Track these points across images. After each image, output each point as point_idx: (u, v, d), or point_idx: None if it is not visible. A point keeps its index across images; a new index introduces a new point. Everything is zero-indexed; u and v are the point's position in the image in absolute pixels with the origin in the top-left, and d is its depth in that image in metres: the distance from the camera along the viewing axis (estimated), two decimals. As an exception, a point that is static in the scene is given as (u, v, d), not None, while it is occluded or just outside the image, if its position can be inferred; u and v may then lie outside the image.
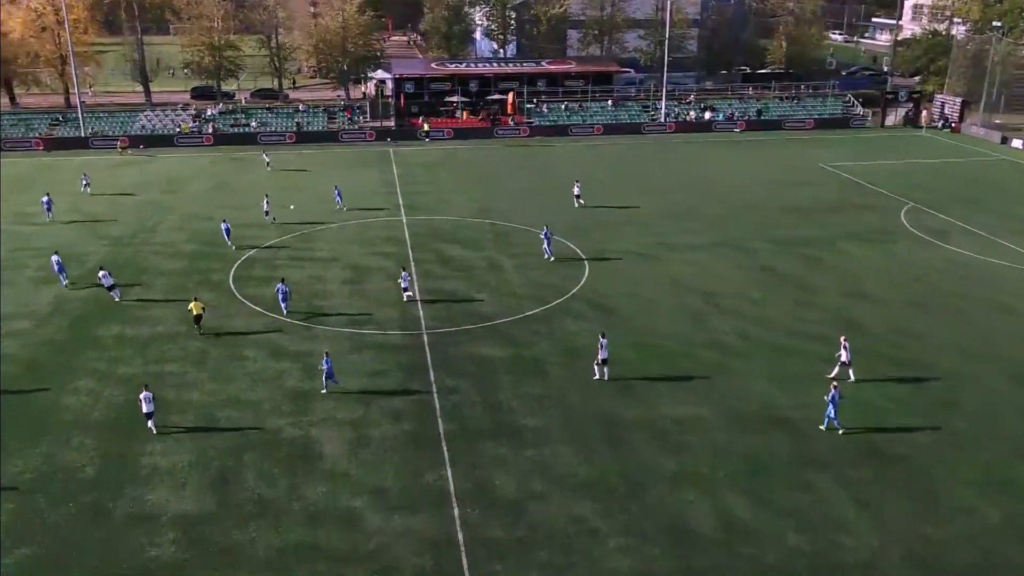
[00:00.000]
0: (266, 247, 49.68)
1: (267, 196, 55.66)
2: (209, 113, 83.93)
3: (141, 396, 30.00)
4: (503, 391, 33.18)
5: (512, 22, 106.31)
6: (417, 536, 24.84)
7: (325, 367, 32.78)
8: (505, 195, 61.42)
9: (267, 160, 70.36)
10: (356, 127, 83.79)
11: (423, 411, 31.70)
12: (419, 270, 45.96)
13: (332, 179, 63.78)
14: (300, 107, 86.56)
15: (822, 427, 30.32)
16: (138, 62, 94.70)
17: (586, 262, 47.30)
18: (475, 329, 38.60)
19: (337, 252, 48.71)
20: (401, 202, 59.61)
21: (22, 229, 53.16)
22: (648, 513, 25.84)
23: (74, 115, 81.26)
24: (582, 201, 58.17)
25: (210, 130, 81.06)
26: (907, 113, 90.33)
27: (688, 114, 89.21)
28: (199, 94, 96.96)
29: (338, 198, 57.84)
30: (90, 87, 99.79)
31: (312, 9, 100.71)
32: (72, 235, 51.99)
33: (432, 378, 34.14)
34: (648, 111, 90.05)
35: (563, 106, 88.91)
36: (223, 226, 49.48)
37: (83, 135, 78.67)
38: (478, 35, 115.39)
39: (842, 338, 34.22)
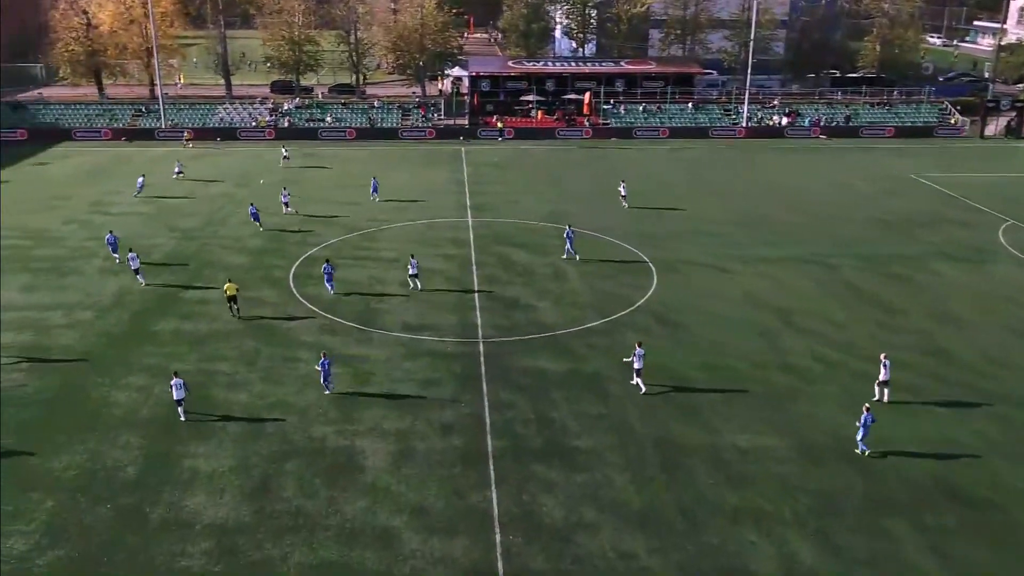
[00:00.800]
0: (328, 244, 49.12)
1: (285, 189, 56.72)
2: (286, 107, 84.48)
3: (171, 383, 30.10)
4: (558, 408, 31.61)
5: (592, 21, 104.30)
6: (455, 562, 23.52)
7: (323, 368, 31.92)
8: (574, 198, 59.69)
9: (285, 154, 70.29)
10: (429, 124, 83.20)
11: (473, 425, 30.38)
12: (481, 274, 44.70)
13: (380, 175, 63.12)
14: (375, 103, 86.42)
15: (857, 450, 28.62)
16: (221, 56, 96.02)
17: (654, 272, 45.31)
18: (533, 340, 37.11)
19: (400, 252, 47.77)
20: (468, 203, 58.49)
21: (94, 218, 53.89)
22: (705, 553, 23.94)
23: (157, 107, 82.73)
24: (625, 205, 57.03)
25: (285, 124, 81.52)
26: (1009, 123, 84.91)
27: (771, 119, 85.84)
28: (278, 88, 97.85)
29: (373, 191, 58.66)
30: (180, 79, 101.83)
31: (392, 5, 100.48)
32: (143, 225, 52.49)
33: (485, 390, 32.80)
34: (729, 115, 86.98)
35: (640, 108, 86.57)
36: (251, 209, 51.45)
37: (163, 126, 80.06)
38: (558, 33, 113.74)
39: (882, 356, 32.09)
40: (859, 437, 28.37)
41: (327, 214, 54.95)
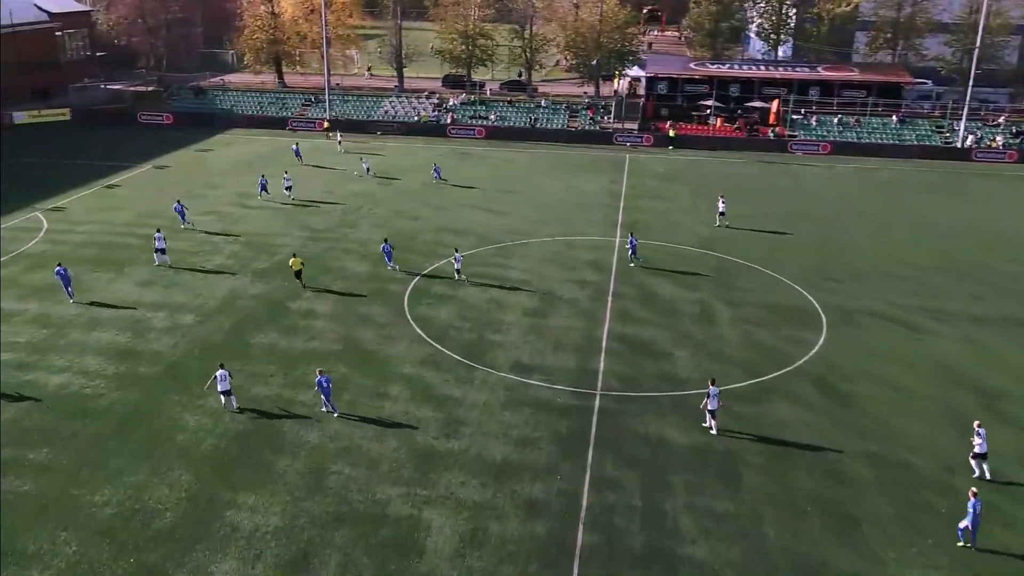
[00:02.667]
0: (448, 261, 44.92)
1: (286, 173, 56.77)
2: (451, 103, 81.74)
3: (216, 374, 29.56)
4: (674, 496, 25.54)
5: (790, 20, 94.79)
6: None
7: (321, 388, 29.28)
8: (744, 222, 52.36)
9: (339, 139, 71.01)
10: (596, 127, 77.73)
11: (565, 508, 24.93)
12: (615, 308, 38.95)
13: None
14: (542, 102, 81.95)
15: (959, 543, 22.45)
16: (395, 47, 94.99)
17: (824, 321, 37.79)
18: (661, 398, 31.04)
19: (531, 274, 42.94)
20: (620, 219, 52.63)
21: (233, 211, 52.69)
22: None
23: (330, 97, 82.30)
24: (726, 222, 50.77)
25: (448, 121, 78.73)
26: None
27: (994, 139, 73.68)
28: (450, 82, 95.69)
29: (436, 174, 59.35)
30: (368, 69, 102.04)
31: (574, 1, 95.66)
32: (274, 221, 50.63)
33: (590, 460, 27.23)
34: (943, 131, 75.55)
35: (835, 119, 76.91)
36: (384, 247, 43.59)
37: (327, 117, 79.43)
38: (751, 33, 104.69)
39: (976, 424, 26.69)
40: (968, 525, 22.92)
41: (464, 223, 50.93)
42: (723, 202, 51.68)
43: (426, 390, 31.43)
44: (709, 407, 28.86)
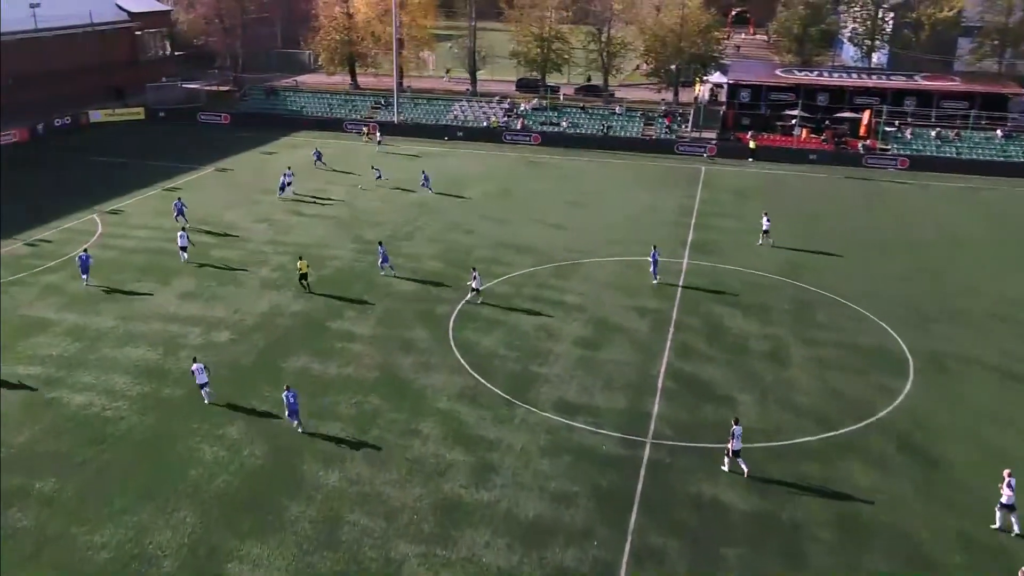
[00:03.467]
0: (511, 277, 42.35)
1: (289, 168, 56.62)
2: (522, 108, 79.16)
3: (193, 368, 30.12)
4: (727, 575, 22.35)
5: (886, 26, 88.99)
6: None
7: (287, 403, 28.35)
8: (826, 242, 48.24)
9: (379, 138, 71.30)
10: (673, 136, 74.03)
11: (598, 583, 22.05)
12: (676, 341, 35.68)
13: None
14: (616, 109, 78.62)
15: None
16: (468, 49, 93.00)
17: (911, 367, 33.77)
18: (718, 451, 27.74)
19: (587, 298, 40.00)
20: (689, 238, 49.12)
21: (287, 219, 51.21)
22: None
23: (398, 100, 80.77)
24: (771, 240, 47.59)
25: (519, 127, 76.19)
26: None
27: (1113, 158, 67.12)
28: (524, 85, 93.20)
29: (424, 183, 57.14)
30: (447, 71, 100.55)
31: (655, 2, 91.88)
32: (327, 231, 48.89)
33: (632, 525, 24.25)
34: (1053, 149, 69.27)
35: (933, 132, 71.37)
36: (380, 250, 42.54)
37: (395, 120, 77.86)
38: (844, 39, 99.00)
39: (1006, 472, 24.30)
40: None
41: (524, 238, 48.26)
42: (767, 220, 48.15)
43: (460, 429, 28.90)
44: (732, 448, 26.26)
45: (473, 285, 38.83)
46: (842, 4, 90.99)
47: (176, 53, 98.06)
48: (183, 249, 43.49)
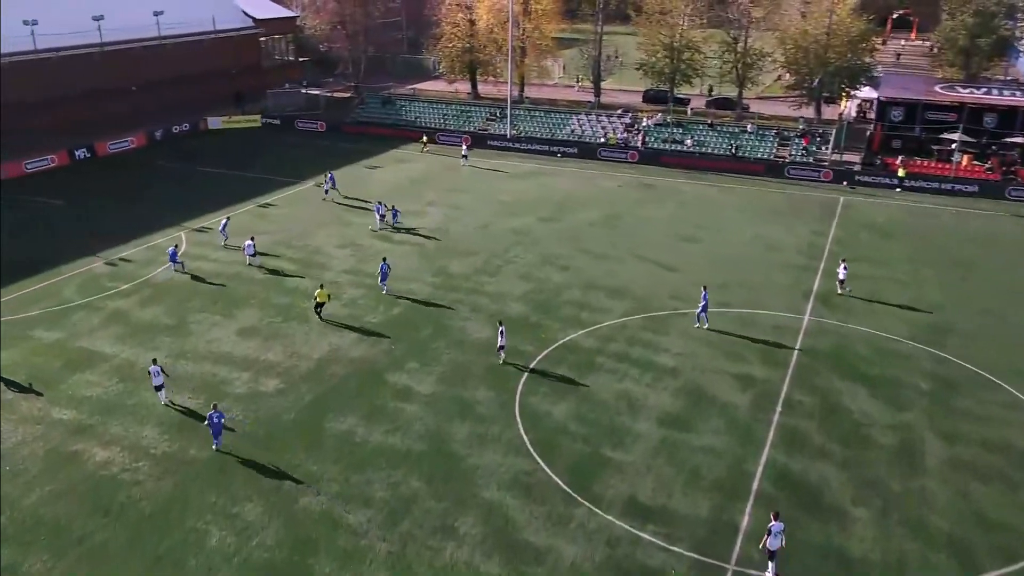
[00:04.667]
0: (599, 328, 37.50)
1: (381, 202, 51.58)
2: (644, 123, 73.64)
3: (150, 369, 30.61)
4: None
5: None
6: None
7: (211, 424, 27.79)
8: (985, 304, 40.69)
9: (464, 152, 67.44)
10: (810, 159, 66.70)
11: None
12: (782, 426, 29.90)
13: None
14: (748, 127, 71.78)
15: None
16: (593, 58, 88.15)
17: (1088, 487, 26.72)
18: (819, 593, 22.11)
19: (684, 360, 34.67)
20: (815, 287, 42.62)
21: (374, 244, 48.13)
22: None
23: (515, 111, 77.02)
24: (848, 289, 41.49)
25: (638, 143, 70.81)
26: None
27: None
28: (651, 98, 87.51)
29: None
30: (577, 81, 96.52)
31: (801, 9, 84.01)
32: (410, 261, 45.42)
33: None
34: None
35: None
36: (382, 267, 41.22)
37: (507, 134, 74.08)
38: (1022, 50, 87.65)
39: None
40: None
41: (623, 278, 43.25)
42: (844, 268, 41.59)
43: (505, 529, 24.52)
44: (768, 547, 22.50)
45: (500, 343, 34.24)
46: (1019, 12, 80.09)
47: (300, 59, 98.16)
48: (253, 255, 44.10)
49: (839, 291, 41.54)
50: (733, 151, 68.49)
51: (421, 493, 26.13)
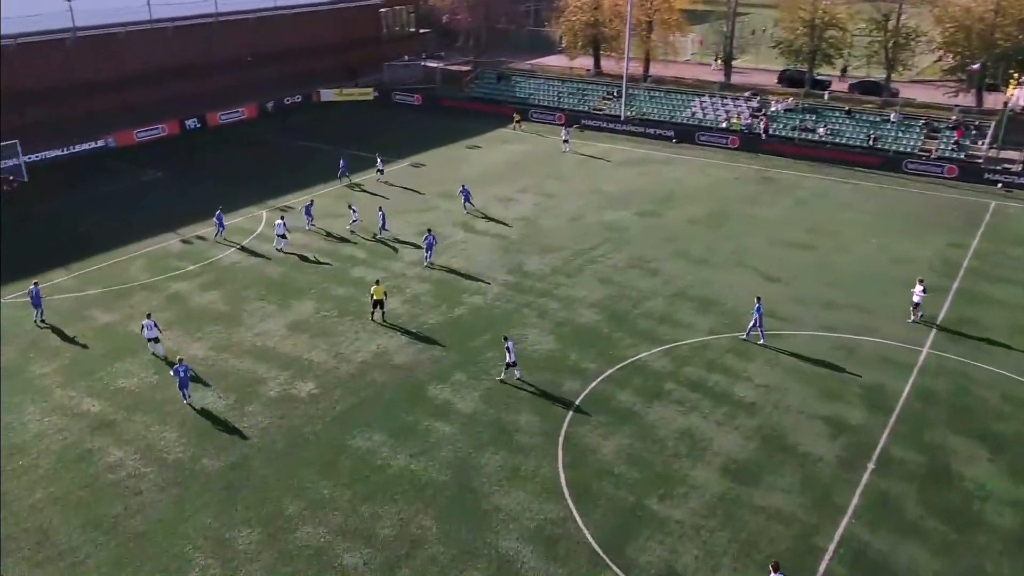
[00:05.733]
0: (678, 347, 33.24)
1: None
2: (773, 108, 67.20)
3: (143, 323, 31.54)
4: None
5: None
6: None
7: (178, 376, 28.39)
8: None
9: (565, 137, 61.62)
10: (962, 155, 58.77)
11: None
12: (871, 489, 24.99)
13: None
14: (891, 116, 64.06)
15: None
16: (726, 35, 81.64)
17: None
18: None
19: (766, 394, 30.05)
20: (942, 312, 36.50)
21: (454, 233, 45.26)
22: None
23: (634, 90, 72.30)
24: (921, 314, 35.31)
25: (761, 130, 64.68)
26: None
27: None
28: (787, 78, 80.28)
29: (465, 199, 48.44)
30: (716, 59, 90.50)
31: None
32: (487, 256, 42.33)
33: None
34: None
35: None
36: (427, 239, 40.93)
37: (621, 116, 69.46)
38: None
39: None
40: None
41: (718, 288, 38.62)
42: (922, 290, 35.02)
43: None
44: None
45: (508, 360, 30.44)
46: None
47: (421, 31, 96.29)
48: (281, 237, 42.37)
49: (911, 317, 35.47)
50: (870, 142, 61.30)
51: (430, 535, 23.17)
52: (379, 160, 55.09)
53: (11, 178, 51.94)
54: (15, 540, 23.01)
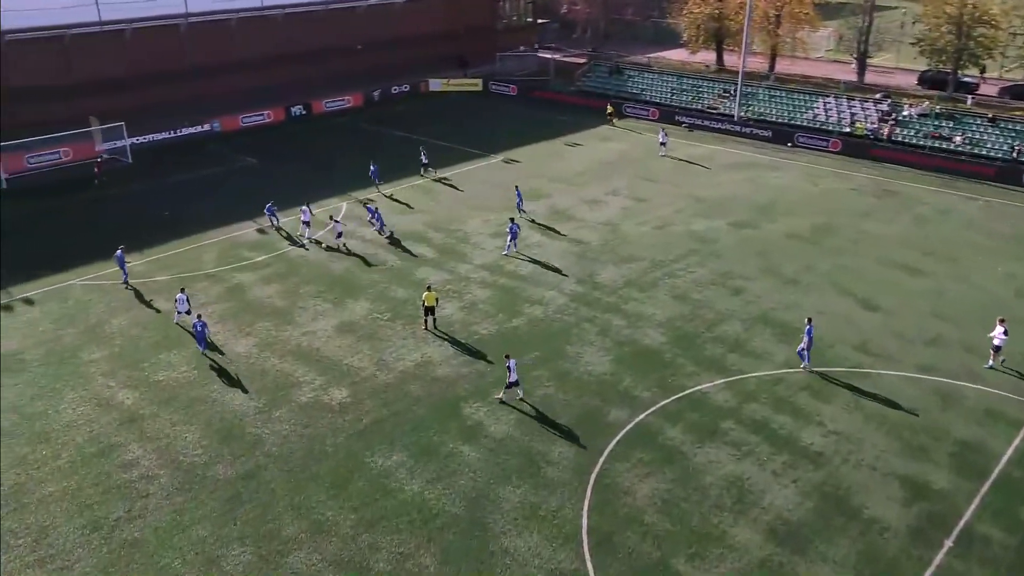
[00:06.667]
0: (746, 379, 29.98)
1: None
2: (905, 112, 61.25)
3: (177, 297, 32.82)
4: None
5: None
6: None
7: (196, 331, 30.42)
8: None
9: (662, 139, 57.29)
10: (1123, 174, 51.57)
11: None
12: (944, 574, 21.25)
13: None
14: (1044, 125, 57.12)
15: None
16: (861, 30, 75.35)
17: None
18: None
19: (839, 440, 26.50)
20: (1069, 361, 31.49)
21: (526, 236, 42.99)
22: None
23: (753, 88, 67.82)
24: (1003, 359, 30.48)
25: (884, 134, 59.05)
26: None
27: None
28: (928, 79, 73.35)
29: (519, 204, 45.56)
30: (854, 56, 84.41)
31: None
32: (558, 261, 39.94)
33: None
34: None
35: None
36: (511, 227, 40.12)
37: (734, 115, 65.18)
38: None
39: None
40: None
41: (804, 312, 34.62)
42: (1003, 331, 29.94)
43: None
44: None
45: (509, 379, 27.91)
46: None
47: (538, 21, 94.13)
48: (340, 235, 41.41)
49: (989, 363, 30.46)
50: (1014, 154, 54.77)
51: (426, 575, 21.31)
52: (423, 154, 53.16)
53: (99, 160, 53.29)
54: (16, 535, 22.73)
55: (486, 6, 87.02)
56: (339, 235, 41.33)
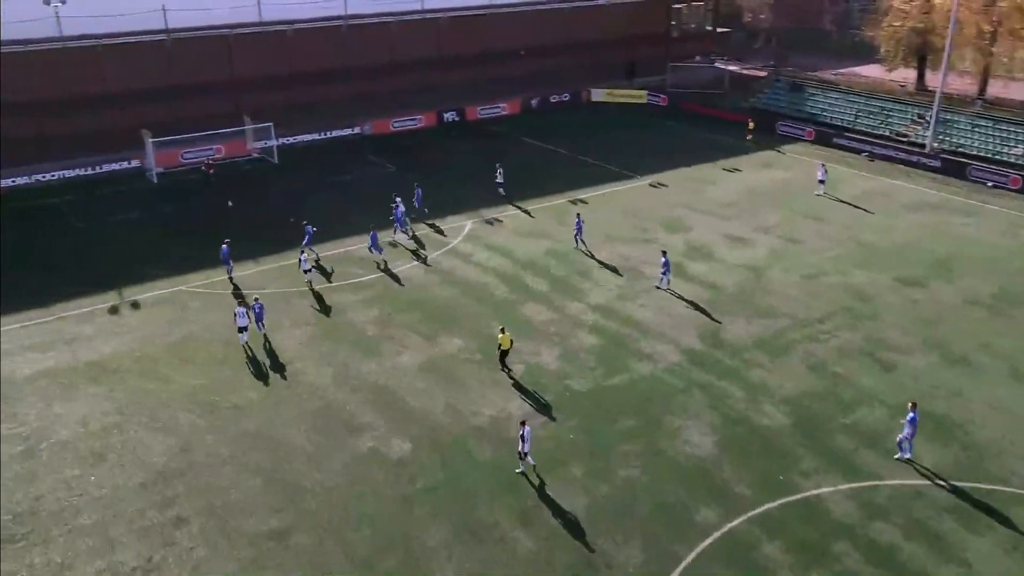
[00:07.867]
0: (879, 485, 24.61)
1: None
2: None
3: (236, 311, 31.43)
4: None
5: None
6: None
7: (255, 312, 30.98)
8: None
9: (821, 177, 49.49)
10: None
11: None
12: None
13: None
14: None
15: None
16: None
17: None
18: None
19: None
20: None
21: (656, 274, 38.66)
22: None
23: (954, 114, 59.51)
24: None
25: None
26: None
27: None
28: None
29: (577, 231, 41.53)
30: None
31: None
32: (689, 309, 35.43)
33: None
34: None
35: None
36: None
37: (927, 146, 57.13)
38: None
39: None
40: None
41: (966, 406, 28.58)
42: None
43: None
44: None
45: (522, 449, 24.54)
46: None
47: (718, 30, 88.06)
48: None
49: None
50: None
51: None
52: (499, 172, 49.48)
53: (209, 160, 53.64)
54: (34, 569, 21.72)
55: (661, 12, 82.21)
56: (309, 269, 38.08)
